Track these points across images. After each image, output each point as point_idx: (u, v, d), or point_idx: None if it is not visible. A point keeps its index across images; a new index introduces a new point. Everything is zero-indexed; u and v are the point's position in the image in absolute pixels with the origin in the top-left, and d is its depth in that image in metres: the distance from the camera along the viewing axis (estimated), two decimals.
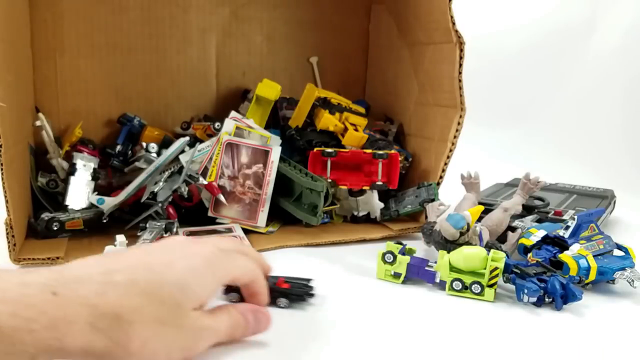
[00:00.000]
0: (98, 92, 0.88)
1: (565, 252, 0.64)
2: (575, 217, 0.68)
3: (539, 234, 0.68)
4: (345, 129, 0.84)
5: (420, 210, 0.80)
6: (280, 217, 0.82)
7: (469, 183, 0.78)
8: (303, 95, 0.86)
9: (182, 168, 0.76)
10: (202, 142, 0.81)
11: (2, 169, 0.60)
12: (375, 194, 0.83)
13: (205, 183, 0.75)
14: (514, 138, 1.46)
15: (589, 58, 1.50)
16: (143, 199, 0.74)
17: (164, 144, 0.84)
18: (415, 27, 0.87)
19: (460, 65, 0.77)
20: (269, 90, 0.85)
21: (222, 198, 0.76)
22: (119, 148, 0.85)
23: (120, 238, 0.63)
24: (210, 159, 0.78)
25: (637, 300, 0.61)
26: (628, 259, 0.64)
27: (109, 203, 0.74)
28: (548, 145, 1.42)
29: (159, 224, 0.69)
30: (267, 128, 0.85)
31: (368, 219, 0.84)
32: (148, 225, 0.69)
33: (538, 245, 0.67)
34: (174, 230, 0.70)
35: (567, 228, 0.68)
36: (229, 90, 0.96)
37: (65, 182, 0.76)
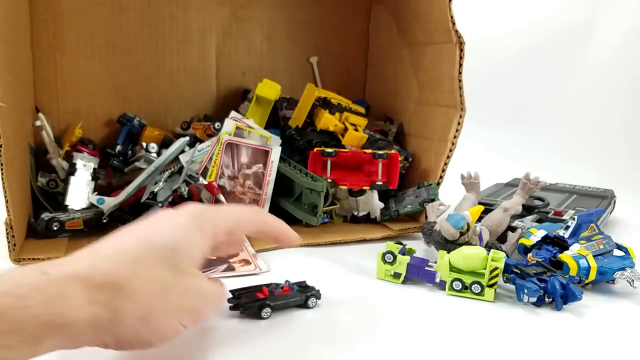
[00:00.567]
0: (98, 92, 0.88)
1: (565, 252, 0.64)
2: (575, 217, 0.68)
3: (539, 234, 0.68)
4: (345, 129, 0.84)
5: (420, 210, 0.80)
6: (280, 217, 0.81)
7: (469, 183, 0.78)
8: (303, 95, 0.86)
9: (182, 168, 0.76)
10: (202, 142, 0.81)
11: (2, 169, 0.60)
12: (375, 194, 0.82)
13: (205, 183, 0.75)
14: (514, 138, 1.46)
15: (589, 58, 1.50)
16: (143, 199, 0.74)
17: (164, 144, 0.84)
18: (415, 27, 0.87)
19: (460, 65, 0.77)
20: (269, 90, 0.85)
21: (222, 198, 0.76)
22: (119, 148, 0.85)
23: None
24: (210, 159, 0.78)
25: (637, 300, 0.61)
26: (628, 259, 0.64)
27: (109, 203, 0.74)
28: (548, 145, 1.42)
29: None
30: (267, 128, 0.85)
31: (368, 219, 0.84)
32: None
33: (538, 245, 0.67)
34: None
35: (567, 228, 0.68)
36: (229, 90, 0.96)
37: (65, 182, 0.76)
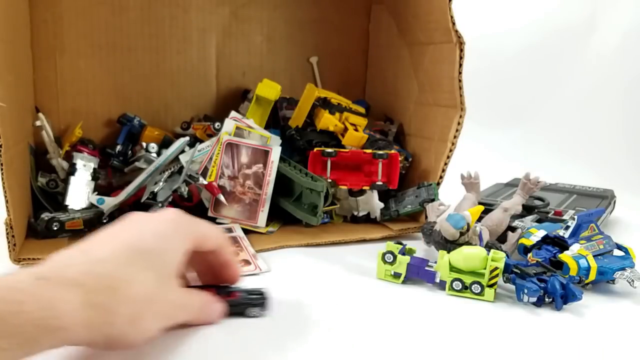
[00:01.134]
0: (98, 92, 0.88)
1: (565, 252, 0.64)
2: (575, 217, 0.68)
3: (539, 234, 0.68)
4: (345, 129, 0.84)
5: (420, 210, 0.80)
6: (280, 217, 0.82)
7: (469, 183, 0.78)
8: (303, 95, 0.86)
9: (182, 168, 0.76)
10: (202, 142, 0.81)
11: (2, 169, 0.60)
12: (375, 194, 0.82)
13: (205, 183, 0.75)
14: (514, 138, 1.46)
15: (589, 58, 1.50)
16: (143, 199, 0.74)
17: (164, 144, 0.84)
18: (415, 27, 0.87)
19: (460, 65, 0.77)
20: (269, 90, 0.85)
21: (222, 198, 0.76)
22: (119, 148, 0.85)
23: None
24: (210, 159, 0.78)
25: (637, 300, 0.61)
26: (628, 259, 0.64)
27: (109, 203, 0.74)
28: (548, 145, 1.42)
29: None
30: (267, 128, 0.85)
31: (368, 219, 0.84)
32: None
33: (538, 245, 0.67)
34: None
35: (567, 228, 0.68)
36: (229, 90, 0.96)
37: (65, 182, 0.76)
